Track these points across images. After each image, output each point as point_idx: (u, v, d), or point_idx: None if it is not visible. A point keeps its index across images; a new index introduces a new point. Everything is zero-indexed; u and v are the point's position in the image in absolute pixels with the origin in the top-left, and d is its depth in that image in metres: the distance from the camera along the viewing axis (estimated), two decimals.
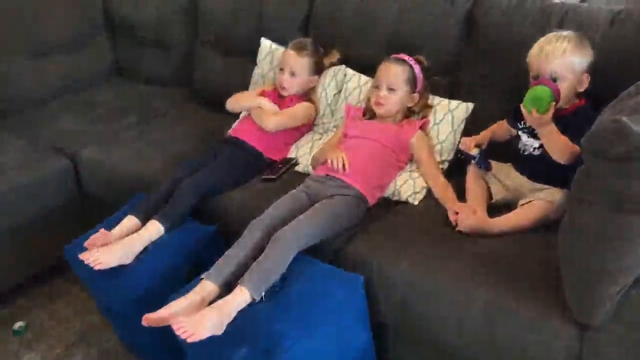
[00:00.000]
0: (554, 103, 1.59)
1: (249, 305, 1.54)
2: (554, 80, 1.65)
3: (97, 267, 1.74)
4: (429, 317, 1.57)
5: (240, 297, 1.52)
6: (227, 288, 1.60)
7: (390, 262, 1.63)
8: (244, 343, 1.46)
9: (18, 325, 2.24)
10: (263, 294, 1.55)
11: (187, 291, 1.61)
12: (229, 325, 1.50)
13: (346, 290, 1.61)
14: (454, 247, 1.65)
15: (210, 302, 1.56)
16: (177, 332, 1.44)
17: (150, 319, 1.52)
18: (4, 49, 2.66)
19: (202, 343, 1.46)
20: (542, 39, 1.72)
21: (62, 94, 2.84)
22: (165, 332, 1.51)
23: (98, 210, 2.20)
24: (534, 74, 1.71)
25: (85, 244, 1.83)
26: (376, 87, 2.02)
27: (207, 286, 1.60)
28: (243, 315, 1.52)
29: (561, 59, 1.65)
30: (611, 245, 1.25)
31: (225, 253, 1.67)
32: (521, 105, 1.63)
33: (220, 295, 1.58)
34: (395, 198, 1.95)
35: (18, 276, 2.37)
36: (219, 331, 1.48)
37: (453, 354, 1.59)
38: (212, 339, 1.47)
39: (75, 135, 2.51)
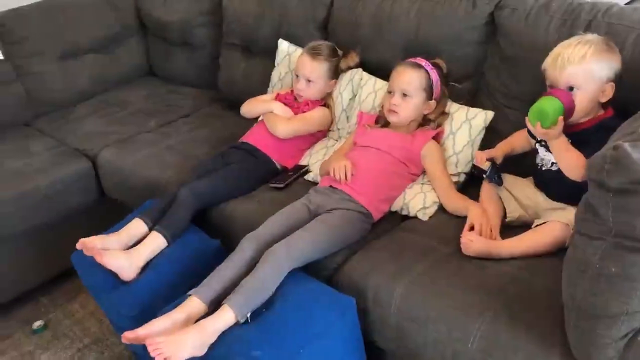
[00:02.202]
0: (562, 117, 1.43)
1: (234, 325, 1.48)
2: (570, 89, 1.49)
3: (97, 260, 1.72)
4: (424, 348, 1.46)
5: (225, 318, 1.46)
6: (216, 306, 1.54)
7: (386, 286, 1.53)
8: None
9: (37, 324, 2.29)
10: (248, 315, 1.48)
11: (173, 308, 1.57)
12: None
13: (337, 314, 1.52)
14: (457, 273, 1.53)
15: (197, 321, 1.51)
16: (152, 354, 1.39)
17: (128, 337, 1.49)
18: (37, 50, 2.71)
19: None
20: (561, 44, 1.56)
21: (92, 95, 2.88)
22: None
23: (119, 213, 2.19)
24: (549, 82, 1.55)
25: (81, 241, 1.80)
26: (389, 92, 1.91)
27: (194, 303, 1.53)
28: (223, 336, 1.46)
29: (578, 66, 1.48)
30: (614, 286, 1.10)
31: (217, 268, 1.61)
32: (526, 117, 1.48)
33: (208, 314, 1.52)
34: (404, 212, 1.84)
35: (39, 276, 2.42)
36: (200, 352, 1.42)
37: None
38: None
39: (98, 137, 2.53)
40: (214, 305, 1.54)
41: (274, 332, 1.44)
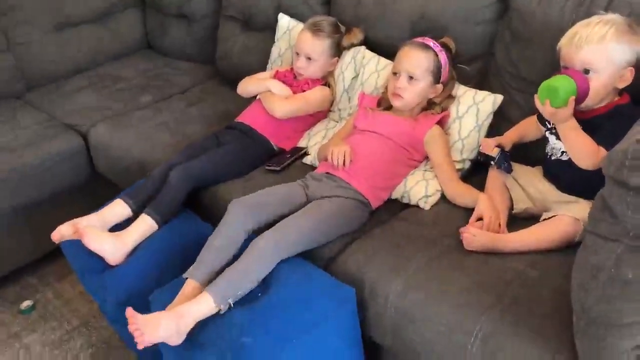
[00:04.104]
0: (574, 97, 1.33)
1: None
2: (586, 72, 1.39)
3: (83, 242, 1.66)
4: (421, 346, 1.38)
5: (204, 305, 1.38)
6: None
7: (383, 281, 1.44)
8: (213, 351, 1.35)
9: (25, 304, 2.23)
10: (231, 303, 1.40)
11: (164, 292, 1.51)
12: (200, 328, 1.38)
13: (335, 303, 1.44)
14: (459, 267, 1.44)
15: None
16: (130, 327, 1.34)
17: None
18: (28, 20, 2.61)
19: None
20: (579, 23, 1.44)
21: (86, 68, 2.78)
22: None
23: (111, 191, 2.11)
24: (564, 63, 1.44)
25: (66, 224, 1.75)
26: (394, 74, 1.80)
27: (189, 286, 1.47)
28: (215, 319, 1.40)
29: (596, 46, 1.37)
30: (629, 293, 1.01)
31: (207, 243, 1.54)
32: (535, 95, 1.38)
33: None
34: (405, 201, 1.75)
35: (28, 255, 2.34)
36: (176, 340, 1.37)
37: None
38: (185, 341, 1.37)
39: (90, 112, 2.43)
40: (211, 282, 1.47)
41: (268, 318, 1.37)
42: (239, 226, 1.53)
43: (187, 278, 1.49)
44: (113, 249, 1.68)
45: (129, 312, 1.38)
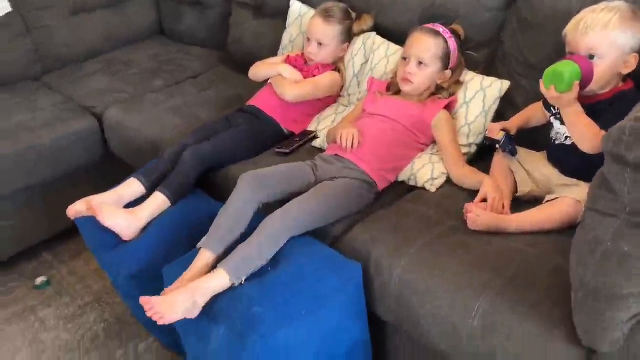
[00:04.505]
0: (579, 82, 1.36)
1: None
2: (591, 57, 1.42)
3: (97, 218, 1.71)
4: (424, 321, 1.42)
5: (219, 280, 1.43)
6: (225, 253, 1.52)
7: (389, 257, 1.48)
8: (224, 321, 1.39)
9: (40, 280, 2.29)
10: (244, 279, 1.45)
11: (177, 265, 1.56)
12: (213, 300, 1.43)
13: (341, 278, 1.48)
14: (462, 245, 1.48)
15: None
16: (147, 313, 1.38)
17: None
18: (46, 4, 2.66)
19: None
20: (585, 9, 1.48)
21: (101, 53, 2.84)
22: None
23: (125, 171, 2.17)
24: (570, 49, 1.47)
25: (81, 201, 1.80)
26: (404, 59, 1.84)
27: (204, 256, 1.52)
28: (226, 293, 1.45)
29: (601, 32, 1.41)
30: (625, 266, 1.05)
31: (218, 213, 1.59)
32: (540, 80, 1.41)
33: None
34: (412, 183, 1.78)
35: (44, 232, 2.41)
36: (192, 314, 1.41)
37: None
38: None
39: (105, 95, 2.49)
40: (224, 253, 1.52)
41: (278, 292, 1.42)
42: (249, 197, 1.58)
43: (200, 248, 1.54)
44: (127, 224, 1.73)
45: (143, 299, 1.41)
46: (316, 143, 2.00)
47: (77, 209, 1.82)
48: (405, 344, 1.60)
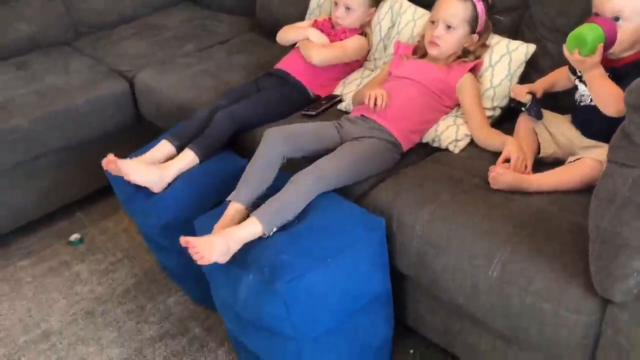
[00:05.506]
0: (602, 45, 1.37)
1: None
2: (616, 19, 1.43)
3: (125, 179, 1.76)
4: (443, 274, 1.47)
5: (252, 228, 1.49)
6: (254, 205, 1.58)
7: (411, 213, 1.53)
8: (253, 268, 1.45)
9: (74, 237, 2.39)
10: (274, 229, 1.51)
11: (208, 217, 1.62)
12: (243, 249, 1.49)
13: (366, 231, 1.53)
14: (483, 202, 1.51)
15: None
16: (190, 251, 1.44)
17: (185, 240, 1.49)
18: None
19: (218, 266, 1.48)
20: None
21: (133, 18, 2.91)
22: (191, 258, 1.50)
23: (154, 134, 2.24)
24: (595, 10, 1.48)
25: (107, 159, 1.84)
26: (432, 22, 1.85)
27: (234, 208, 1.58)
28: (255, 242, 1.50)
29: None
30: None
31: (247, 167, 1.65)
32: (564, 44, 1.42)
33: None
34: (435, 145, 1.82)
35: (78, 192, 2.50)
36: (224, 259, 1.47)
37: (468, 316, 1.49)
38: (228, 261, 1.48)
39: (136, 59, 2.56)
40: (253, 205, 1.58)
41: (304, 242, 1.47)
42: (276, 149, 1.64)
43: (229, 201, 1.60)
44: (157, 178, 1.79)
45: (184, 239, 1.46)
46: (341, 106, 2.04)
47: (110, 166, 1.87)
48: (425, 298, 1.65)
